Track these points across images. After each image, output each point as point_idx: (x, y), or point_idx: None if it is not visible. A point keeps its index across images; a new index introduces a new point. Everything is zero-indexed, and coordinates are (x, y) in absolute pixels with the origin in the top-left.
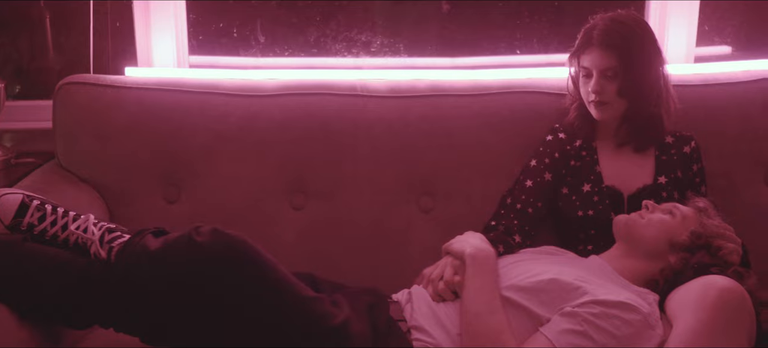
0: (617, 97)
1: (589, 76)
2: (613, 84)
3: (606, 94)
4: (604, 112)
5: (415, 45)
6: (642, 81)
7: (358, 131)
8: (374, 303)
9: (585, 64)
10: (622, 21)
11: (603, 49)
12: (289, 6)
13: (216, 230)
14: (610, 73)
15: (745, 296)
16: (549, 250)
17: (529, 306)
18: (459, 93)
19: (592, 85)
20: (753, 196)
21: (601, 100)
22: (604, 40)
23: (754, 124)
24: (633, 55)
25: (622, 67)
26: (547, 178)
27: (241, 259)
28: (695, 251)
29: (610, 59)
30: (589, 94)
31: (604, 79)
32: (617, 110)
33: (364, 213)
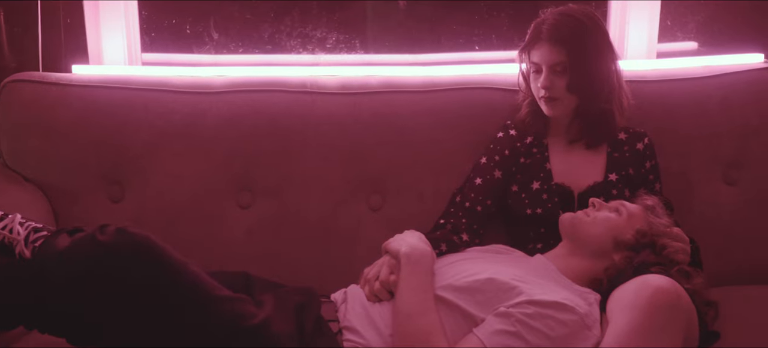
0: (567, 93)
1: (539, 71)
2: (563, 79)
3: (555, 89)
4: (554, 108)
5: (372, 42)
6: (592, 76)
7: (306, 128)
8: (304, 303)
9: (534, 59)
10: (571, 15)
11: (552, 44)
12: (243, 3)
13: (120, 229)
14: (560, 69)
15: (681, 296)
16: (496, 248)
17: (464, 306)
18: (412, 89)
19: (542, 80)
20: (711, 194)
21: (551, 95)
22: (553, 34)
23: (711, 120)
24: (582, 49)
25: (572, 62)
26: (497, 176)
27: (144, 257)
28: (640, 250)
29: (559, 54)
30: (539, 90)
31: (553, 75)
32: (568, 106)
33: (312, 211)
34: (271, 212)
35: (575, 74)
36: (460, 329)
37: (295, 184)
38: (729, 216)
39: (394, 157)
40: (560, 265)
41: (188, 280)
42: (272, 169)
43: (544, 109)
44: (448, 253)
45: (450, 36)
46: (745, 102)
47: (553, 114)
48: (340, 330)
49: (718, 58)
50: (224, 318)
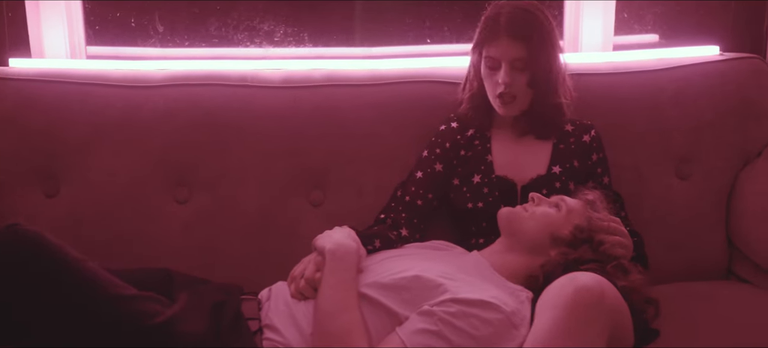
0: (526, 90)
1: (495, 67)
2: (523, 75)
3: (516, 86)
4: (511, 109)
5: (320, 35)
6: (548, 71)
7: (245, 122)
8: (223, 301)
9: (492, 54)
10: (526, 9)
11: (511, 39)
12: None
13: (10, 226)
14: (520, 64)
15: (606, 294)
16: (435, 245)
17: (389, 304)
18: (355, 83)
19: (502, 76)
20: (663, 189)
21: (511, 92)
22: (513, 29)
23: (664, 114)
24: (541, 44)
25: (531, 58)
26: (438, 169)
27: (36, 255)
28: (578, 246)
29: (518, 49)
30: (497, 87)
31: (513, 71)
32: (523, 104)
33: (250, 206)
34: (208, 207)
35: (535, 70)
36: (384, 328)
37: (233, 178)
38: (681, 211)
39: (334, 151)
40: (496, 262)
41: (85, 277)
42: (209, 164)
43: (499, 109)
44: (382, 250)
45: (401, 29)
46: (699, 95)
47: (508, 114)
48: (260, 328)
49: (673, 51)
50: (125, 316)
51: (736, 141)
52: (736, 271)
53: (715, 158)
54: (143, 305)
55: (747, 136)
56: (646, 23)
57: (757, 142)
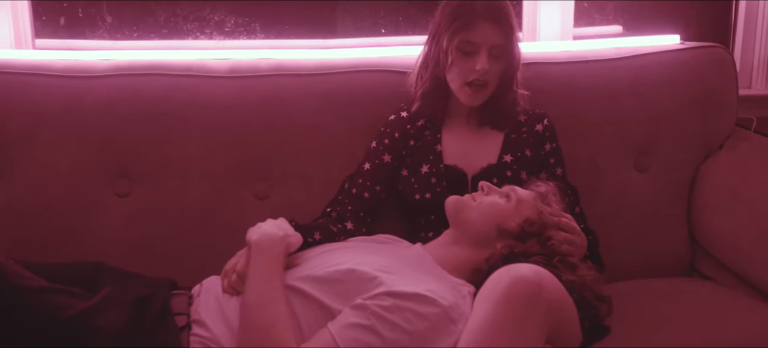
0: (497, 78)
1: (470, 53)
2: (498, 63)
3: (491, 73)
4: (481, 96)
5: (272, 25)
6: (518, 60)
7: (189, 113)
8: (149, 295)
9: (471, 39)
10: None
11: (492, 24)
12: None
13: None
14: (497, 52)
15: (545, 288)
16: (379, 238)
17: (321, 298)
18: (303, 73)
19: (480, 62)
20: (621, 182)
21: (486, 79)
22: (493, 14)
23: (621, 104)
24: (514, 31)
25: (508, 46)
26: (387, 160)
27: None
28: (526, 239)
29: (498, 35)
30: (470, 73)
31: (491, 57)
32: (488, 93)
33: (194, 199)
34: (150, 200)
35: (509, 57)
36: (317, 322)
37: (175, 171)
38: (640, 205)
39: (281, 142)
40: (439, 255)
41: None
42: (151, 156)
43: (468, 98)
44: (322, 243)
45: (353, 18)
46: (658, 85)
47: (477, 103)
48: (188, 324)
49: (632, 40)
50: (33, 309)
51: (698, 132)
52: (699, 268)
53: (675, 150)
54: (53, 298)
55: (709, 128)
56: (607, 13)
57: (719, 134)
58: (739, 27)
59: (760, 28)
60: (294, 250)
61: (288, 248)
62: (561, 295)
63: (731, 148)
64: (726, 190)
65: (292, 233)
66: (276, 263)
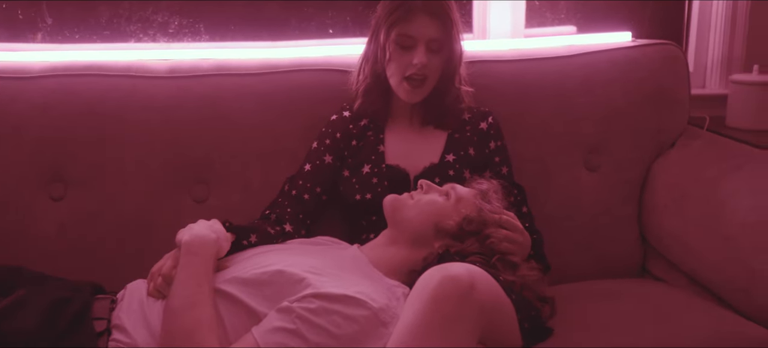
0: (436, 73)
1: (409, 46)
2: (437, 57)
3: (430, 67)
4: (420, 92)
5: (217, 26)
6: (459, 55)
7: (126, 114)
8: (67, 298)
9: (409, 32)
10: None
11: (430, 17)
12: None
13: None
14: (435, 46)
15: (477, 287)
16: (318, 240)
17: (248, 301)
18: (244, 72)
19: (417, 56)
20: (570, 181)
21: (424, 74)
22: (431, 7)
23: (571, 102)
24: (454, 25)
25: (446, 40)
26: (328, 161)
27: None
28: (464, 238)
29: (437, 29)
30: (408, 68)
31: (429, 52)
32: (428, 89)
33: (129, 203)
34: (85, 204)
35: (448, 53)
36: (243, 326)
37: (112, 173)
38: (590, 205)
39: (220, 144)
40: (376, 256)
41: None
42: (87, 158)
43: (405, 93)
44: (259, 245)
45: (300, 18)
46: (608, 82)
47: (416, 99)
48: (108, 329)
49: (582, 38)
50: None
51: (649, 130)
52: (651, 269)
53: (626, 149)
54: None
55: (661, 126)
56: (560, 13)
57: (671, 132)
58: (693, 27)
59: (714, 29)
60: (225, 253)
61: (219, 251)
62: (496, 296)
63: (683, 147)
64: (676, 188)
65: (225, 236)
66: (205, 266)
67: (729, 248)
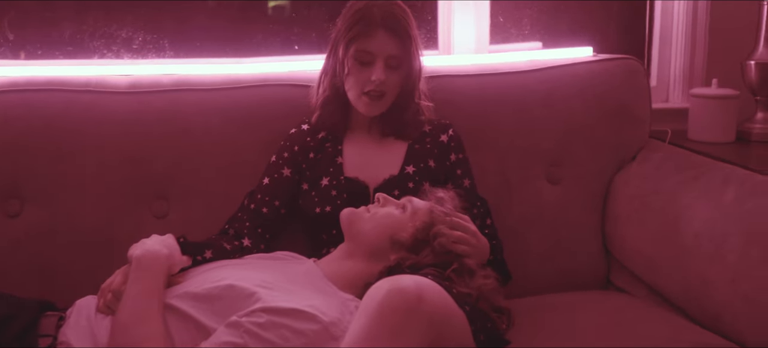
0: (395, 88)
1: (367, 63)
2: (396, 74)
3: (388, 83)
4: (378, 106)
5: (182, 42)
6: (418, 71)
7: (85, 129)
8: (11, 315)
9: (368, 48)
10: (399, 4)
11: (389, 33)
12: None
13: None
14: (394, 62)
15: (426, 299)
16: (277, 255)
17: (198, 316)
18: (206, 87)
19: (376, 72)
20: (532, 194)
21: (383, 90)
22: (390, 23)
23: (533, 115)
24: (413, 41)
25: (405, 55)
26: (286, 174)
27: None
28: (419, 249)
29: (396, 45)
30: (367, 84)
31: (388, 68)
32: (389, 103)
33: (87, 219)
34: (41, 221)
35: (407, 69)
36: (192, 341)
37: (70, 190)
38: (552, 217)
39: (180, 159)
40: (331, 270)
41: None
42: (44, 174)
43: (364, 107)
44: (214, 260)
45: (265, 34)
46: (570, 97)
47: (374, 113)
48: (53, 345)
49: (544, 53)
50: None
51: (611, 144)
52: (614, 281)
53: (588, 162)
54: None
55: (622, 139)
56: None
57: (632, 145)
58: (655, 41)
59: (675, 43)
60: (179, 268)
61: (172, 267)
62: (446, 308)
63: (644, 160)
64: (637, 199)
65: (178, 251)
66: (155, 281)
67: (683, 257)
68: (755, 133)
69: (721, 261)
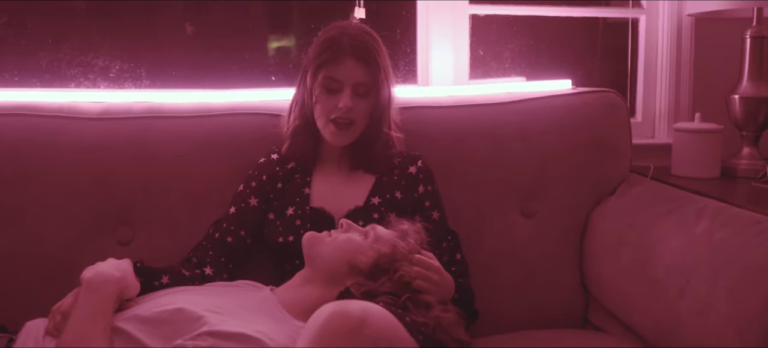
0: (363, 117)
1: (334, 90)
2: (364, 102)
3: (356, 111)
4: (346, 135)
5: (158, 72)
6: (388, 100)
7: (50, 153)
8: None
9: (335, 76)
10: (368, 32)
11: (358, 61)
12: (17, 27)
13: None
14: (362, 90)
15: (370, 324)
16: (238, 283)
17: (144, 339)
18: (176, 115)
19: (343, 100)
20: (505, 227)
21: (350, 118)
22: (359, 51)
23: (507, 148)
24: (383, 70)
25: (374, 83)
26: (253, 204)
27: None
28: (377, 277)
29: (364, 73)
30: (334, 111)
31: (355, 96)
32: (357, 133)
33: (51, 244)
34: (4, 245)
35: (376, 97)
36: None
37: (32, 214)
38: (527, 251)
39: (146, 184)
40: (287, 297)
41: None
42: (6, 200)
43: (331, 136)
44: (171, 286)
45: (242, 64)
46: (546, 130)
47: (342, 142)
48: None
49: (523, 85)
50: None
51: (589, 177)
52: (591, 320)
53: (564, 195)
54: None
55: (601, 173)
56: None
57: (612, 179)
58: (640, 77)
59: (660, 78)
60: (132, 293)
61: (124, 290)
62: (393, 333)
63: (622, 194)
64: (612, 234)
65: (132, 276)
66: (104, 303)
67: (655, 291)
68: (741, 168)
69: (691, 294)
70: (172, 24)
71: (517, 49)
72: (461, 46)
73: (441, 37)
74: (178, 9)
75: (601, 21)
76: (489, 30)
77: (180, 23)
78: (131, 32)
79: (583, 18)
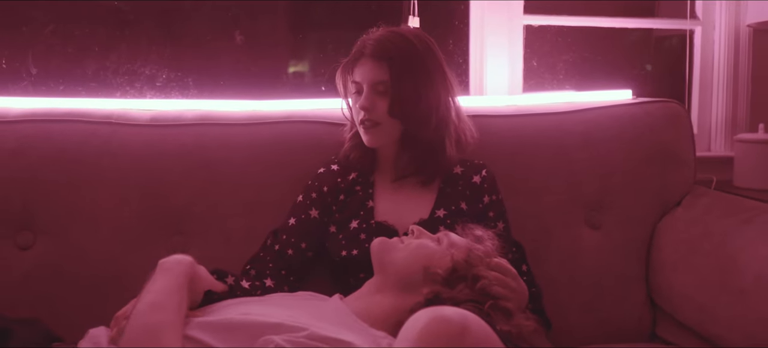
0: (388, 117)
1: (360, 92)
2: (384, 100)
3: (376, 111)
4: (374, 136)
5: (206, 81)
6: (417, 101)
7: (102, 160)
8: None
9: (356, 78)
10: (399, 33)
11: (374, 60)
12: (65, 35)
13: None
14: (381, 88)
15: (471, 331)
16: (300, 295)
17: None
18: (229, 122)
19: (362, 100)
20: (572, 240)
21: (371, 118)
22: (377, 50)
23: (571, 157)
24: (408, 69)
25: (394, 82)
26: (313, 215)
27: None
28: (454, 284)
29: (381, 71)
30: (359, 112)
31: (374, 94)
32: (389, 134)
33: (102, 252)
34: (53, 254)
35: (397, 95)
36: None
37: (83, 221)
38: (594, 264)
39: (200, 194)
40: (359, 306)
41: None
42: (58, 206)
43: (364, 137)
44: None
45: (294, 76)
46: (609, 139)
47: (372, 143)
48: None
49: (583, 95)
50: None
51: (653, 188)
52: (660, 334)
53: (629, 206)
54: None
55: (665, 184)
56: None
57: (676, 190)
58: (695, 89)
59: (717, 90)
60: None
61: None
62: (491, 343)
63: (690, 205)
64: (685, 245)
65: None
66: (179, 280)
67: (744, 303)
68: None
69: None
70: (221, 33)
71: (570, 61)
72: (516, 56)
73: (495, 47)
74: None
75: (654, 32)
76: (542, 41)
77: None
78: (179, 41)
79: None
